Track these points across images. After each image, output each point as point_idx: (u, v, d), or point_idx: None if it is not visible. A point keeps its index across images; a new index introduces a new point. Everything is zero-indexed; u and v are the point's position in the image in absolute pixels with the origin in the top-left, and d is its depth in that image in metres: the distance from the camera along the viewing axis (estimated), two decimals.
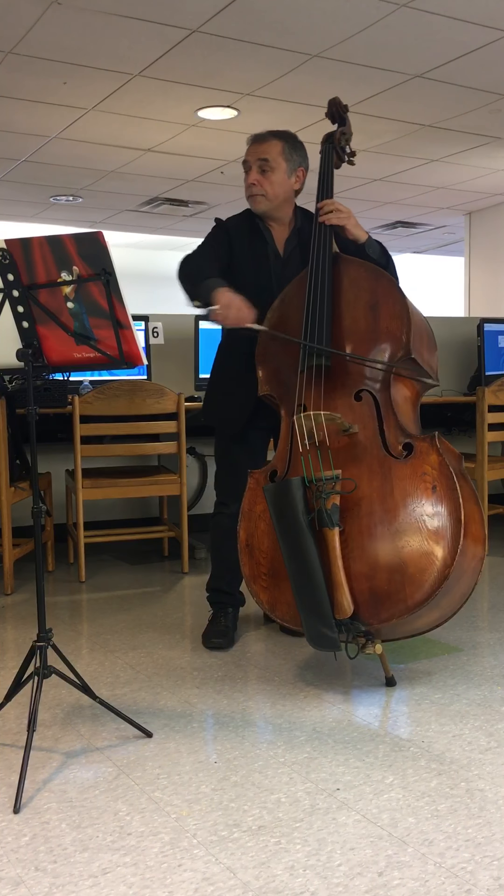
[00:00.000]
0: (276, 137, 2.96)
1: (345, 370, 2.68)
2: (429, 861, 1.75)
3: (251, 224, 3.04)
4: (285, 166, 2.94)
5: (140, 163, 6.96)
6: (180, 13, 4.18)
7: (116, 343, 2.23)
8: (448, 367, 5.57)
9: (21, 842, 1.85)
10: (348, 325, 2.70)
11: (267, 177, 2.94)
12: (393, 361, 2.62)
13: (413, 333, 2.62)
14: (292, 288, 2.85)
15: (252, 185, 2.95)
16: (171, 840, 1.85)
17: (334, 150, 2.96)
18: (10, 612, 3.59)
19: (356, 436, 2.61)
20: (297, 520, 2.51)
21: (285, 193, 2.98)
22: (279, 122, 5.85)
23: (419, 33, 4.48)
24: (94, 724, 2.44)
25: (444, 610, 2.56)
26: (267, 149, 2.93)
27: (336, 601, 2.48)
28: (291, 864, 1.75)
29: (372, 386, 2.65)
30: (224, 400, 3.10)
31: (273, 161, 2.93)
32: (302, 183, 3.01)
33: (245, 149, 3.02)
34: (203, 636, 3.14)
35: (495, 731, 2.36)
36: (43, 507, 2.36)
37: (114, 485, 4.11)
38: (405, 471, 2.51)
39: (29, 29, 4.33)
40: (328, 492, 2.51)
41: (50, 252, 2.20)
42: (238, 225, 3.05)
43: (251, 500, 2.76)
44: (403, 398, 2.69)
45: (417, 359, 2.63)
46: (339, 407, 2.66)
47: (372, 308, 2.68)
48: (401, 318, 2.63)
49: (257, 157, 2.94)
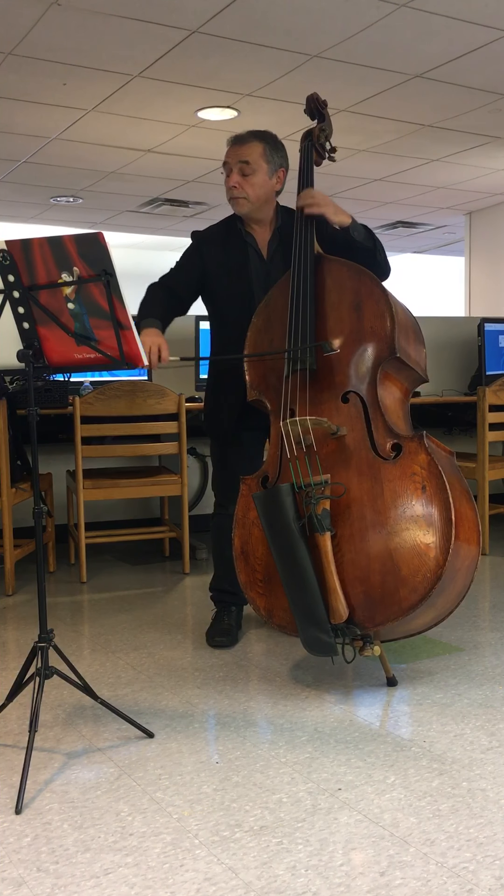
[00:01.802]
0: (256, 139, 2.94)
1: (331, 373, 2.67)
2: (430, 861, 1.75)
3: (230, 231, 3.05)
4: (266, 168, 2.93)
5: (140, 163, 6.97)
6: (180, 14, 4.18)
7: (117, 344, 2.23)
8: (449, 367, 5.57)
9: (23, 842, 1.85)
10: (332, 325, 2.69)
11: (248, 179, 2.93)
12: (379, 360, 2.60)
13: (398, 331, 2.60)
14: (276, 291, 2.85)
15: (233, 187, 2.94)
16: (173, 840, 1.85)
17: (314, 146, 2.94)
18: (11, 613, 3.60)
19: (344, 438, 2.60)
20: (287, 526, 2.50)
21: (266, 195, 2.98)
22: (279, 123, 5.87)
23: (419, 33, 4.48)
24: (95, 725, 2.44)
25: (440, 609, 2.56)
26: (247, 151, 2.92)
27: (331, 606, 2.48)
28: (293, 864, 1.75)
29: (358, 387, 2.62)
30: (215, 406, 3.13)
31: (254, 163, 2.91)
32: (283, 183, 3.01)
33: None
34: (206, 635, 3.15)
35: (497, 731, 2.36)
36: (44, 508, 2.36)
37: (115, 485, 4.11)
38: (394, 472, 2.50)
39: (29, 30, 4.33)
40: (317, 497, 2.51)
41: (50, 253, 2.20)
42: (214, 236, 3.07)
43: (244, 507, 2.75)
44: (392, 397, 2.66)
45: (402, 356, 2.61)
46: (326, 410, 2.64)
47: (356, 308, 2.66)
48: (384, 317, 2.60)
49: (238, 160, 2.93)
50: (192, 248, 3.10)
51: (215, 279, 3.04)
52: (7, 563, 3.86)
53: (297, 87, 5.22)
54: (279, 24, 4.34)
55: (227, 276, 3.02)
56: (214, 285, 3.04)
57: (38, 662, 2.26)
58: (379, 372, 2.60)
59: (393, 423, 2.58)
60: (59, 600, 3.80)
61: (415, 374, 2.73)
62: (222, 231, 3.08)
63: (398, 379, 2.69)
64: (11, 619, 3.52)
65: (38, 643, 2.28)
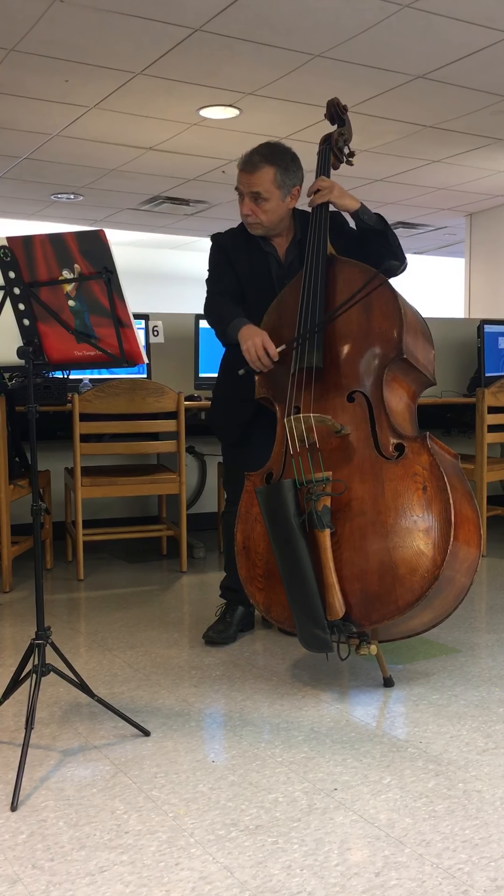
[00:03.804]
0: (267, 163, 2.87)
1: (338, 372, 2.68)
2: (426, 862, 1.75)
3: (250, 239, 3.04)
4: (279, 193, 2.89)
5: (141, 161, 6.96)
6: (182, 12, 4.18)
7: (117, 341, 2.23)
8: (448, 369, 5.57)
9: (18, 839, 1.85)
10: (341, 325, 2.70)
11: (261, 206, 2.90)
12: (386, 361, 2.61)
13: (406, 333, 2.60)
14: (287, 290, 2.86)
15: (247, 215, 2.93)
16: (169, 839, 1.85)
17: (332, 150, 2.95)
18: (8, 610, 3.59)
19: (348, 437, 2.61)
20: (288, 521, 2.51)
21: (281, 216, 2.96)
22: (281, 122, 5.88)
23: (421, 34, 4.48)
24: (91, 723, 2.44)
25: (438, 610, 2.56)
26: (258, 180, 2.87)
27: (328, 602, 2.48)
28: (288, 863, 1.75)
29: (365, 387, 2.64)
30: (223, 408, 3.13)
31: (266, 192, 2.88)
32: (298, 198, 2.99)
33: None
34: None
35: (493, 733, 2.36)
36: (42, 505, 2.35)
37: (113, 483, 4.10)
38: (396, 471, 2.51)
39: (31, 27, 4.33)
40: (319, 493, 2.51)
41: (51, 250, 2.20)
42: (235, 240, 3.06)
43: (247, 503, 2.76)
44: (398, 398, 2.68)
45: (410, 358, 2.62)
46: (331, 408, 2.65)
47: (365, 309, 2.67)
48: (393, 318, 2.61)
49: (249, 190, 2.89)
50: (218, 251, 3.07)
51: (242, 285, 3.04)
52: (4, 560, 3.86)
53: (298, 87, 5.22)
54: (282, 24, 4.33)
55: (251, 283, 3.02)
56: (242, 290, 3.04)
57: (35, 659, 2.26)
58: (386, 373, 2.61)
59: (398, 424, 2.59)
60: (56, 597, 3.79)
61: (422, 377, 2.74)
62: (243, 237, 3.05)
63: (405, 381, 2.71)
64: (8, 615, 3.52)
65: (34, 640, 2.28)
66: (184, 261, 11.46)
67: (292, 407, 2.70)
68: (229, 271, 3.04)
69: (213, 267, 3.09)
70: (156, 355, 4.84)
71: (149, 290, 10.53)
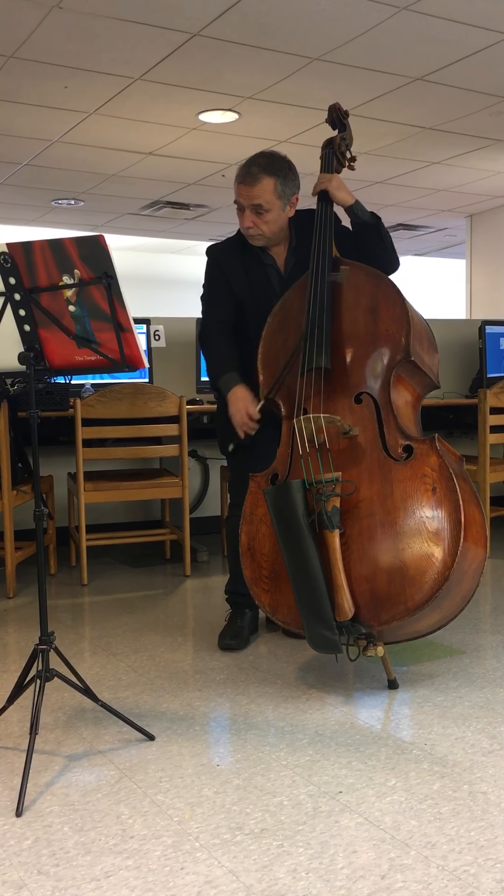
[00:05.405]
0: (266, 174, 2.87)
1: (345, 373, 2.69)
2: (431, 864, 1.75)
3: (247, 250, 3.04)
4: (279, 203, 2.91)
5: (141, 166, 6.97)
6: (181, 17, 4.19)
7: (118, 346, 2.24)
8: (449, 370, 5.57)
9: (23, 845, 1.85)
10: (348, 327, 2.71)
11: (262, 218, 2.91)
12: (392, 364, 2.62)
13: (413, 336, 2.62)
14: (292, 293, 2.86)
15: (249, 227, 2.93)
16: (174, 843, 1.85)
17: (334, 155, 2.96)
18: (12, 615, 3.60)
19: (356, 438, 2.61)
20: (297, 522, 2.51)
21: (281, 225, 2.97)
22: (280, 126, 5.89)
23: (420, 36, 4.48)
24: (96, 728, 2.44)
25: (445, 612, 2.56)
26: (258, 193, 2.88)
27: (336, 603, 2.48)
28: (294, 867, 1.75)
29: (372, 388, 2.65)
30: (225, 413, 3.12)
31: (267, 204, 2.89)
32: (296, 206, 2.99)
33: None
34: (219, 637, 3.15)
35: (498, 734, 2.35)
36: (45, 510, 2.36)
37: (115, 487, 4.11)
38: (405, 473, 2.51)
39: (30, 33, 4.34)
40: (328, 494, 2.51)
41: (51, 255, 2.20)
42: (231, 255, 3.06)
43: (252, 504, 2.76)
44: (404, 400, 2.69)
45: (417, 361, 2.64)
46: (339, 409, 2.66)
47: (371, 311, 2.68)
48: (400, 321, 2.63)
49: (250, 203, 2.90)
50: (214, 266, 3.09)
51: (239, 299, 3.04)
52: (8, 566, 3.86)
53: (298, 91, 5.22)
54: (280, 28, 4.34)
55: (250, 296, 3.03)
56: (239, 305, 3.05)
57: (39, 665, 2.27)
58: (392, 375, 2.62)
59: (404, 426, 2.60)
60: (59, 603, 3.79)
61: (427, 380, 2.76)
62: (239, 248, 3.05)
63: (411, 383, 2.72)
64: (12, 621, 3.52)
65: (38, 645, 2.28)
66: (184, 265, 11.48)
67: (300, 408, 2.71)
68: (222, 290, 3.06)
69: (208, 283, 3.11)
70: (157, 359, 4.84)
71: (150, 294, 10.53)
